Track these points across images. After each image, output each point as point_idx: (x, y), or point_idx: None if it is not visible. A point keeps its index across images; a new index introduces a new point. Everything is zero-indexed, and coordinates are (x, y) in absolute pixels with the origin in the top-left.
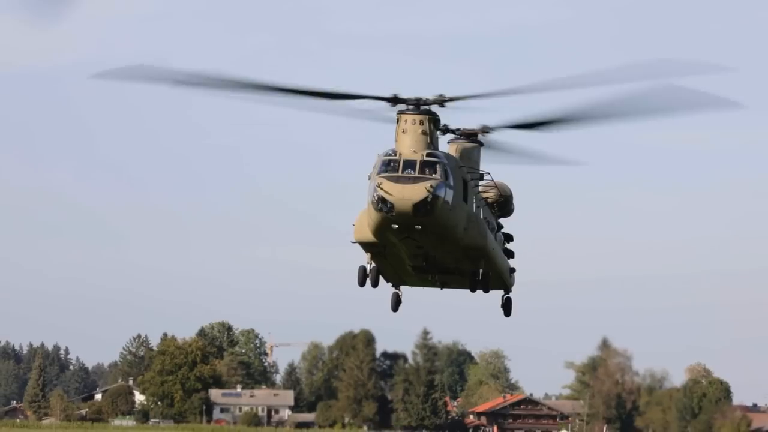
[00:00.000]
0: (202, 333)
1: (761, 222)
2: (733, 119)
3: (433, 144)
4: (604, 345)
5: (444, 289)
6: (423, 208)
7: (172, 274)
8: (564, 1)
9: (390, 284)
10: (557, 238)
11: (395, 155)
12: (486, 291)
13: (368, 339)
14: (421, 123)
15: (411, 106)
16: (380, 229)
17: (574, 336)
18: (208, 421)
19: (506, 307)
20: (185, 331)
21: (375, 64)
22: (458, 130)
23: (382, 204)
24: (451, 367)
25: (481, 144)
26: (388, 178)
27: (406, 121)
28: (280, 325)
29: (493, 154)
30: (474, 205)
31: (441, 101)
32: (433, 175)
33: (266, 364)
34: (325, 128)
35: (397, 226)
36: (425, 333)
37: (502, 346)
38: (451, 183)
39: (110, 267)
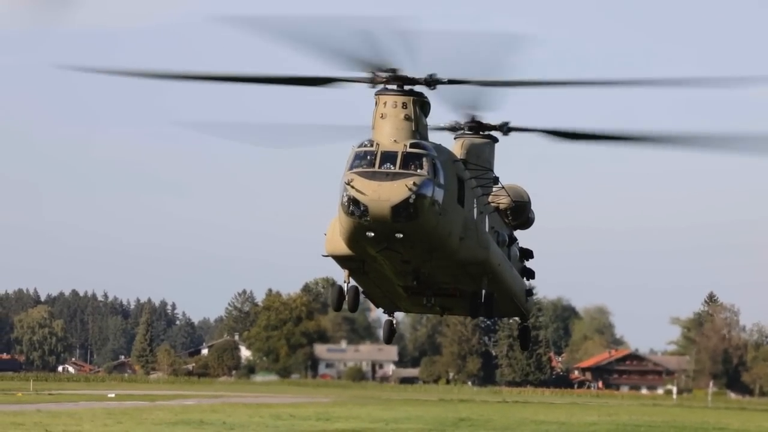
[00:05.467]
0: (306, 289)
1: None
2: None
3: (419, 132)
4: (711, 300)
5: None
6: (405, 211)
7: (277, 231)
8: None
9: (381, 310)
10: (662, 188)
11: (371, 146)
12: (489, 317)
13: None
14: (404, 106)
15: (392, 86)
16: (354, 239)
17: (680, 291)
18: (314, 376)
19: (523, 337)
20: (290, 287)
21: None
22: (467, 123)
23: (353, 206)
24: (555, 322)
25: (495, 140)
26: (362, 174)
27: (385, 103)
28: None
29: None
30: (475, 210)
31: (432, 82)
32: (419, 170)
33: (370, 319)
34: None
35: (373, 234)
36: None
37: (606, 301)
38: (442, 181)
39: (216, 225)
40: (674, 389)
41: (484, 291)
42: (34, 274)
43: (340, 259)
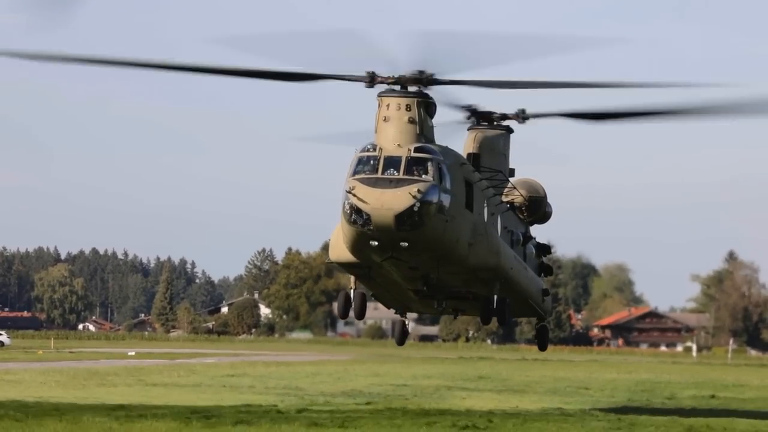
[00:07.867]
0: (326, 247)
1: None
2: None
3: (424, 135)
4: (731, 257)
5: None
6: (409, 219)
7: (296, 189)
8: None
9: (393, 311)
10: (681, 143)
11: (374, 150)
12: (503, 323)
13: None
14: (408, 108)
15: (395, 87)
16: (357, 248)
17: (701, 248)
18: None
19: (541, 338)
20: (309, 246)
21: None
22: (481, 113)
23: (355, 215)
24: (574, 280)
25: (510, 131)
26: (363, 181)
27: (388, 105)
28: None
29: None
30: (485, 212)
31: (425, 80)
32: (423, 175)
33: None
34: None
35: (377, 243)
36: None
37: (626, 258)
38: (448, 186)
39: (236, 183)
40: (694, 346)
41: (495, 297)
42: (54, 233)
43: (346, 266)
